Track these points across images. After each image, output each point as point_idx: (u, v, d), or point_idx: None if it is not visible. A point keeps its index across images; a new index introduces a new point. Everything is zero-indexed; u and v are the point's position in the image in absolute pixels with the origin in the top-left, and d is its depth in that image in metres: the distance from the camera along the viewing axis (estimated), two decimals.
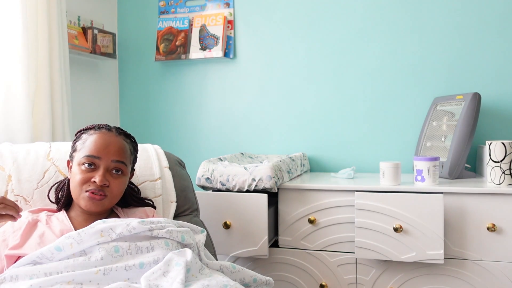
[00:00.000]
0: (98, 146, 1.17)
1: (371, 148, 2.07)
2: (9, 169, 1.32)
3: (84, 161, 1.15)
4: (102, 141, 1.18)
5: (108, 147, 1.17)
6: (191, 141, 2.34)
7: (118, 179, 1.18)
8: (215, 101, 2.29)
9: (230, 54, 2.23)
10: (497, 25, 1.90)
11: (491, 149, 1.54)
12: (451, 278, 1.54)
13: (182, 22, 2.26)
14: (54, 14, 1.78)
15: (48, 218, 1.16)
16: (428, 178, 1.58)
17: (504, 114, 1.91)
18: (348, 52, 2.09)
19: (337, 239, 1.65)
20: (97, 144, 1.17)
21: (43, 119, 1.73)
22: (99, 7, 2.31)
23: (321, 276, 1.67)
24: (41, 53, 1.74)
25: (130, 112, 2.44)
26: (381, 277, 1.61)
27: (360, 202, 1.55)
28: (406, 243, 1.51)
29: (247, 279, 1.12)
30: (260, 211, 1.59)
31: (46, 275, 0.95)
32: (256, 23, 2.21)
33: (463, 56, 1.95)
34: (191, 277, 0.99)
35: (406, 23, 2.01)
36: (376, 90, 2.05)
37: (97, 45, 2.15)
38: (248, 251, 1.61)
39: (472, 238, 1.52)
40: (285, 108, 2.18)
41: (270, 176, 1.59)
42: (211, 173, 1.68)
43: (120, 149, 1.19)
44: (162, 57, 2.26)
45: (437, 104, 1.90)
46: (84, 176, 1.14)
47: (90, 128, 1.23)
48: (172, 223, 1.14)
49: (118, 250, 1.02)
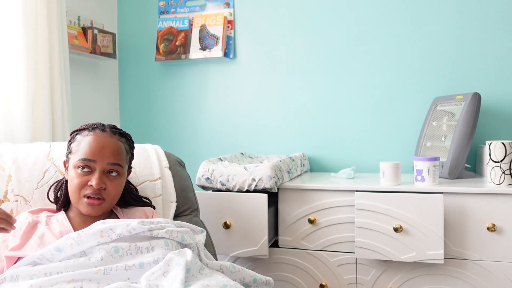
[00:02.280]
0: (93, 149, 1.15)
1: (371, 148, 2.07)
2: (9, 169, 1.32)
3: (79, 165, 1.15)
4: (96, 144, 1.16)
5: (103, 149, 1.16)
6: (191, 141, 2.34)
7: (115, 181, 1.17)
8: (215, 101, 2.29)
9: (230, 54, 2.23)
10: (497, 25, 1.90)
11: (491, 149, 1.54)
12: (451, 278, 1.55)
13: (182, 22, 2.26)
14: (54, 14, 1.78)
15: (48, 219, 1.16)
16: (428, 178, 1.58)
17: (504, 114, 1.91)
18: (348, 52, 2.09)
19: (337, 239, 1.65)
20: (91, 146, 1.15)
21: (43, 119, 1.73)
22: (99, 7, 2.31)
23: (321, 276, 1.67)
24: (41, 53, 1.74)
25: (130, 112, 2.44)
26: (381, 277, 1.61)
27: (360, 202, 1.55)
28: (406, 243, 1.51)
29: (247, 279, 1.12)
30: (260, 211, 1.59)
31: (46, 275, 0.95)
32: (256, 23, 2.21)
33: (463, 56, 1.95)
34: (191, 277, 0.99)
35: (406, 23, 2.01)
36: (376, 90, 2.05)
37: (97, 45, 2.15)
38: (248, 251, 1.61)
39: (472, 238, 1.52)
40: (285, 108, 2.18)
41: (270, 176, 1.59)
42: (211, 173, 1.68)
43: (115, 151, 1.18)
44: (162, 57, 2.26)
45: (437, 104, 1.90)
46: (80, 180, 1.14)
47: (84, 128, 1.21)
48: (172, 223, 1.14)
49: (118, 250, 1.02)
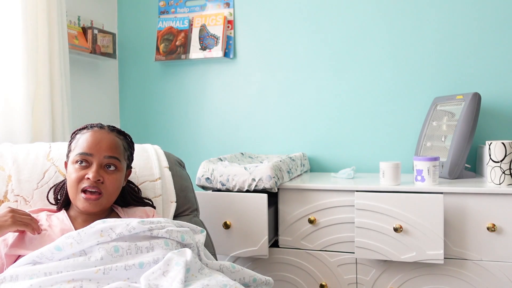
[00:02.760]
0: (90, 143, 1.18)
1: (371, 148, 2.07)
2: (9, 169, 1.32)
3: (77, 159, 1.17)
4: (93, 138, 1.19)
5: (100, 143, 1.18)
6: (191, 141, 2.34)
7: (112, 175, 1.18)
8: (215, 101, 2.29)
9: (230, 54, 2.23)
10: (497, 25, 1.90)
11: (491, 149, 1.54)
12: (451, 278, 1.54)
13: (182, 22, 2.26)
14: (54, 14, 1.78)
15: (48, 218, 1.17)
16: (428, 178, 1.58)
17: (504, 114, 1.91)
18: (348, 52, 2.09)
19: (337, 239, 1.65)
20: (88, 141, 1.18)
21: (43, 119, 1.73)
22: (99, 7, 2.31)
23: (321, 276, 1.67)
24: (41, 53, 1.74)
25: (130, 112, 2.44)
26: (381, 277, 1.61)
27: (360, 202, 1.55)
28: (406, 243, 1.50)
29: (247, 279, 1.12)
30: (260, 211, 1.59)
31: (46, 274, 0.95)
32: (256, 23, 2.21)
33: (463, 56, 1.95)
34: (191, 277, 0.99)
35: (406, 23, 2.01)
36: (376, 90, 2.05)
37: (97, 45, 2.15)
38: (248, 251, 1.61)
39: (472, 238, 1.52)
40: (285, 108, 2.18)
41: (270, 176, 1.59)
42: (211, 173, 1.68)
43: (112, 145, 1.20)
44: (162, 57, 2.26)
45: (437, 104, 1.90)
46: (78, 174, 1.15)
47: (83, 128, 1.24)
48: (171, 223, 1.14)
49: (118, 250, 1.02)
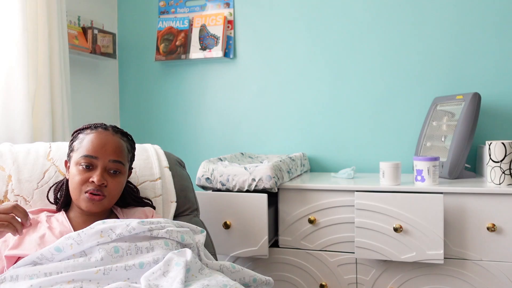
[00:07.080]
0: (95, 146, 1.17)
1: (371, 148, 2.07)
2: (9, 169, 1.32)
3: (81, 161, 1.16)
4: (99, 141, 1.18)
5: (105, 146, 1.17)
6: (191, 141, 2.34)
7: (116, 178, 1.18)
8: (215, 101, 2.29)
9: (230, 54, 2.23)
10: (497, 25, 1.90)
11: (491, 149, 1.54)
12: (451, 278, 1.54)
13: (182, 22, 2.26)
14: (54, 14, 1.78)
15: (48, 219, 1.16)
16: (428, 178, 1.58)
17: (504, 114, 1.91)
18: (348, 52, 2.09)
19: (337, 239, 1.65)
20: (94, 143, 1.17)
21: (43, 119, 1.73)
22: (99, 7, 2.31)
23: (321, 276, 1.67)
24: (41, 53, 1.74)
25: (130, 112, 2.44)
26: (381, 277, 1.61)
27: (360, 202, 1.55)
28: (406, 243, 1.50)
29: (247, 279, 1.12)
30: (260, 211, 1.59)
31: (46, 275, 0.95)
32: (256, 23, 2.21)
33: (463, 56, 1.95)
34: (191, 277, 0.99)
35: (406, 23, 2.01)
36: (376, 90, 2.05)
37: (97, 45, 2.15)
38: (248, 251, 1.61)
39: (472, 238, 1.52)
40: (285, 108, 2.18)
41: (270, 176, 1.59)
42: (211, 173, 1.68)
43: (117, 149, 1.19)
44: (162, 57, 2.26)
45: (437, 104, 1.90)
46: (82, 177, 1.15)
47: (86, 127, 1.23)
48: (171, 223, 1.14)
49: (118, 250, 1.02)
